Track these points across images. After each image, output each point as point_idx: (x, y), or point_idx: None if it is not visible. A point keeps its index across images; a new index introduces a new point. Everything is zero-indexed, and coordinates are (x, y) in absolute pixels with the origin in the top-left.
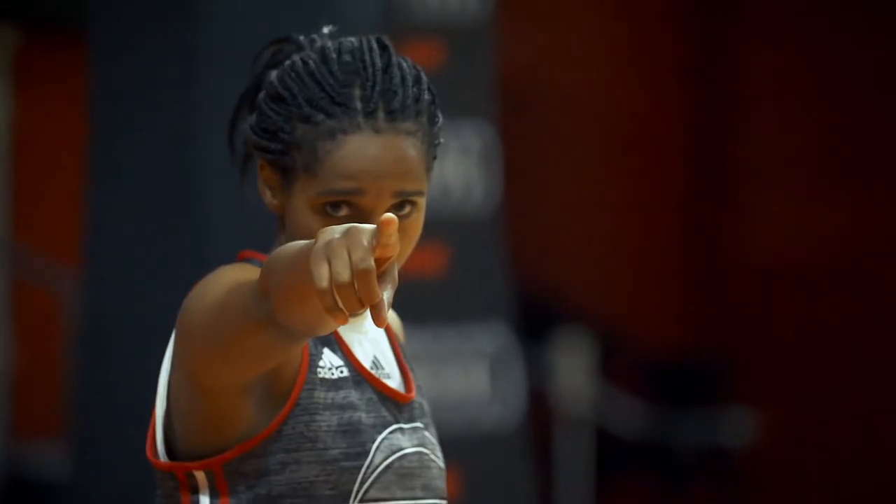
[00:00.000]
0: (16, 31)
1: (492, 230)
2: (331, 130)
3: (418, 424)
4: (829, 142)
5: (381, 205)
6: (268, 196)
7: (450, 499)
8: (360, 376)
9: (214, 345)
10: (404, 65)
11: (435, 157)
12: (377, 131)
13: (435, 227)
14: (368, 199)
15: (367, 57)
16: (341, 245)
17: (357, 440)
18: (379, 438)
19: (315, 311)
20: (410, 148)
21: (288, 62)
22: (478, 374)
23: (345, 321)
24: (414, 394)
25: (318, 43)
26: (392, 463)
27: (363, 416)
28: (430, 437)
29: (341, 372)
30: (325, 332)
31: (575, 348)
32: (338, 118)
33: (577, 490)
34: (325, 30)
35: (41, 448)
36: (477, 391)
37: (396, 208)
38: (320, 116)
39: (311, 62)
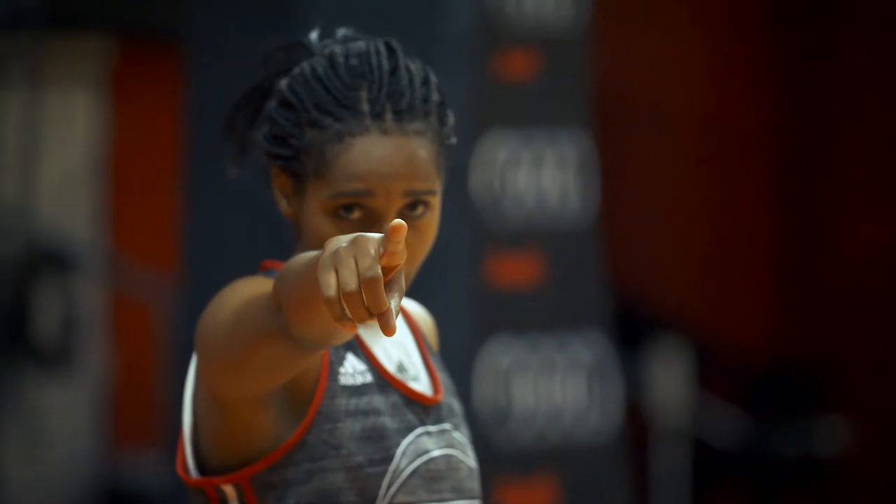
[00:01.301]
0: (113, 45)
1: (589, 239)
2: (338, 133)
3: (446, 426)
4: None
5: (392, 206)
6: (283, 204)
7: None
8: (385, 381)
9: (231, 358)
10: (412, 67)
11: (447, 157)
12: (385, 132)
13: (532, 237)
14: (379, 201)
15: (373, 60)
16: (348, 254)
17: (381, 445)
18: (404, 443)
19: (326, 321)
20: (420, 148)
21: (297, 69)
22: (575, 383)
23: (354, 330)
24: (441, 395)
25: (329, 48)
26: (418, 467)
27: (388, 421)
28: (460, 437)
29: (364, 377)
30: (338, 342)
31: (671, 358)
32: (345, 121)
33: (673, 500)
34: (340, 32)
35: (141, 458)
36: (574, 401)
37: (409, 209)
38: (328, 120)
39: (318, 67)
